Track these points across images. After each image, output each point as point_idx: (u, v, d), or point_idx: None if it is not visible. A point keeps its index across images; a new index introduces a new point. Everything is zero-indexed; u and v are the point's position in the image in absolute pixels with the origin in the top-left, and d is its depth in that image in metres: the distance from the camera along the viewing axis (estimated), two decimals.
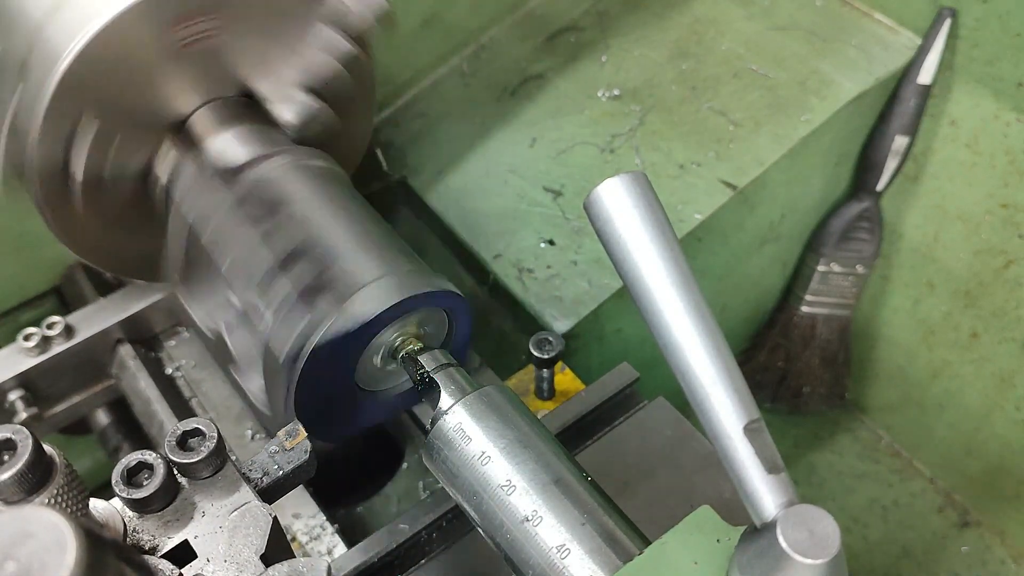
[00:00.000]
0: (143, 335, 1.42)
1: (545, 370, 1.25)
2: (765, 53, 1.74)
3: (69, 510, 0.68)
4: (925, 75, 1.72)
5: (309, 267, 1.02)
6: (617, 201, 0.71)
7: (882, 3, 1.75)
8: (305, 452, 0.83)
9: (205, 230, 1.13)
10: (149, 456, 0.75)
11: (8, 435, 0.65)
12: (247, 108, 1.20)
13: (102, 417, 1.49)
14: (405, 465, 1.45)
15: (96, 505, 0.73)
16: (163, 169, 1.18)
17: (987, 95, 1.71)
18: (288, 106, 1.19)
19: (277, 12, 1.12)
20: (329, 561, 0.69)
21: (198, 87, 1.16)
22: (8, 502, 0.66)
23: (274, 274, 1.03)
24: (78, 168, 1.11)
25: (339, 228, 1.06)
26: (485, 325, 1.58)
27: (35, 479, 0.66)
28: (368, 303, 0.97)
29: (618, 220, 0.70)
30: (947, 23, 1.67)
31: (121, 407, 1.46)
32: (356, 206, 1.12)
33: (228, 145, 1.15)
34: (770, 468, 0.65)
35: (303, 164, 1.13)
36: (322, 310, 0.97)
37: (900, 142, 1.78)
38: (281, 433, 0.84)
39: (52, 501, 0.67)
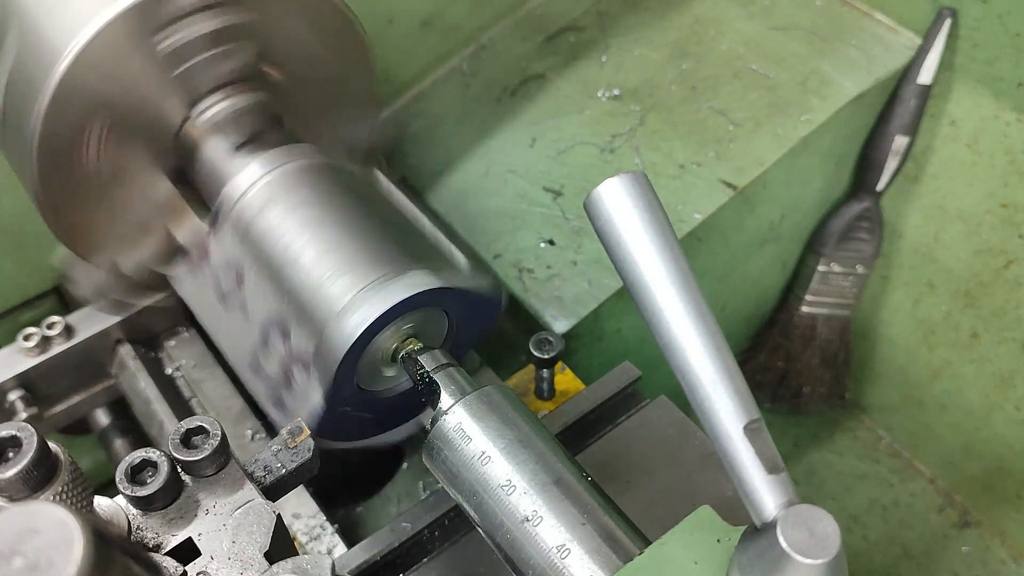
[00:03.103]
0: (143, 335, 1.42)
1: (545, 370, 1.25)
2: (765, 53, 1.74)
3: (74, 507, 0.69)
4: (925, 75, 1.72)
5: (278, 340, 1.04)
6: (617, 201, 0.71)
7: (882, 3, 1.76)
8: (308, 450, 0.84)
9: (203, 319, 1.17)
10: (153, 454, 0.76)
11: (13, 432, 0.66)
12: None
13: (102, 417, 1.49)
14: (405, 465, 1.46)
15: (100, 503, 0.74)
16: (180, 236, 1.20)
17: (987, 95, 1.71)
18: (219, 115, 1.17)
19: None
20: (333, 559, 0.69)
21: (178, 97, 1.15)
22: (13, 499, 0.66)
23: (258, 361, 1.07)
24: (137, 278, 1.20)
25: (300, 261, 1.04)
26: None
27: (40, 476, 0.66)
28: (332, 351, 0.97)
29: (618, 220, 0.71)
30: (947, 23, 1.68)
31: (121, 407, 1.46)
32: (332, 208, 1.08)
33: (216, 164, 1.15)
34: (770, 468, 0.65)
35: (283, 173, 1.11)
36: (300, 390, 1.00)
37: (900, 142, 1.78)
38: (284, 431, 0.84)
39: (57, 498, 0.67)
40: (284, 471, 0.83)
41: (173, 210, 1.19)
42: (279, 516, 0.77)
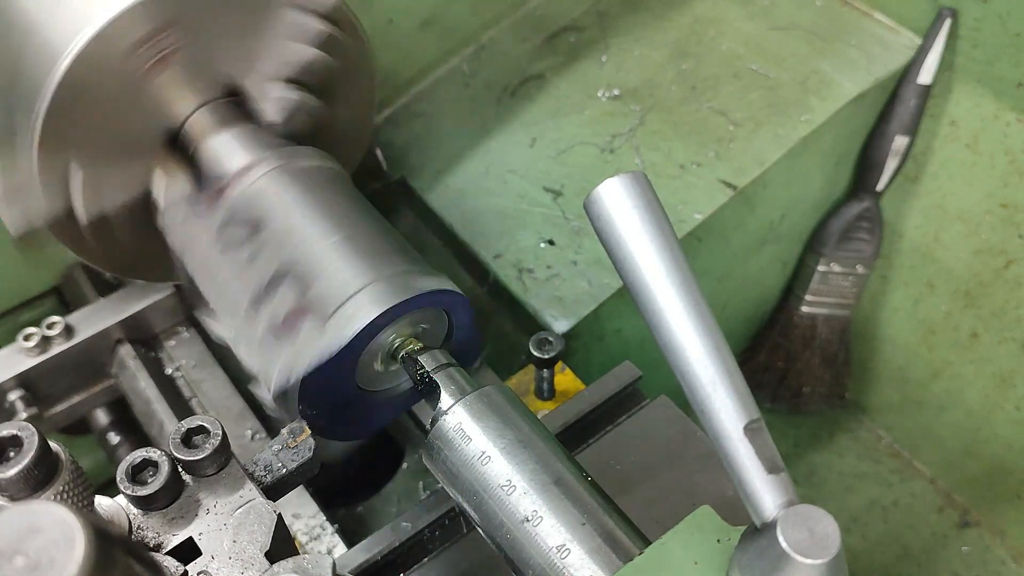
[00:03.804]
0: (143, 335, 1.42)
1: (545, 370, 1.25)
2: (765, 53, 1.74)
3: (75, 506, 0.69)
4: (925, 75, 1.72)
5: (291, 290, 0.99)
6: (617, 201, 0.71)
7: (882, 3, 1.76)
8: (309, 450, 0.84)
9: (190, 261, 1.10)
10: (154, 453, 0.76)
11: (14, 432, 0.66)
12: (238, 109, 1.19)
13: (102, 417, 1.49)
14: (405, 465, 1.46)
15: (101, 502, 0.74)
16: (159, 193, 1.17)
17: (987, 95, 1.71)
18: (270, 102, 1.17)
19: (238, 7, 1.10)
20: (334, 559, 0.69)
21: (185, 92, 1.14)
22: (14, 498, 0.66)
23: (258, 302, 1.01)
24: (79, 210, 1.12)
25: (325, 238, 1.02)
26: (485, 325, 1.58)
27: (41, 475, 0.66)
28: (350, 321, 0.93)
29: (618, 220, 0.71)
30: (947, 23, 1.68)
31: (121, 407, 1.46)
32: (347, 208, 1.08)
33: (221, 149, 1.14)
34: (770, 468, 0.65)
35: (292, 167, 1.10)
36: (304, 338, 0.95)
37: (900, 142, 1.78)
38: (285, 431, 0.84)
39: (58, 497, 0.67)
40: (284, 471, 0.83)
41: (155, 167, 1.17)
42: (280, 516, 0.77)
